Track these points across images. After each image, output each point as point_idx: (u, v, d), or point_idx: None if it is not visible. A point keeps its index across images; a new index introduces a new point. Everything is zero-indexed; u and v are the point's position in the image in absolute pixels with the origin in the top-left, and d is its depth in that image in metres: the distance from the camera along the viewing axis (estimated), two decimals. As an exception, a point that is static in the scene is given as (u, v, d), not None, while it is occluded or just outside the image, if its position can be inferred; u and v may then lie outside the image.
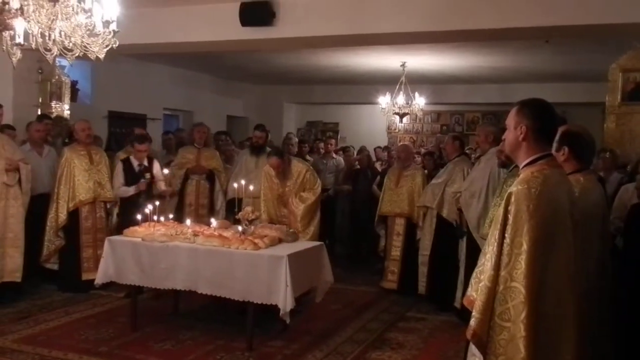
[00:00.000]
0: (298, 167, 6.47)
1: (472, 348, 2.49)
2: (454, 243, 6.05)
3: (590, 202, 3.13)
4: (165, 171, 6.84)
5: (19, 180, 6.12)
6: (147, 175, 6.56)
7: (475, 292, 2.49)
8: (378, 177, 8.51)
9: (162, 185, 6.81)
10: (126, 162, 6.74)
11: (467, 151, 7.12)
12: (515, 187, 2.44)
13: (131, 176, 6.64)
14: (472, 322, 2.42)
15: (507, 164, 5.29)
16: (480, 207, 5.59)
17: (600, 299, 3.12)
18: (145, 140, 6.82)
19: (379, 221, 7.41)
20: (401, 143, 9.35)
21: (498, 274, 2.38)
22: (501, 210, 2.43)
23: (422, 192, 6.80)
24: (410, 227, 7.03)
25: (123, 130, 9.58)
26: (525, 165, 2.54)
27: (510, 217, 2.39)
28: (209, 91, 12.55)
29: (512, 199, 2.41)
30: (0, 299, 5.97)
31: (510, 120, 2.58)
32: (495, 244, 2.41)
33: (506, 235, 2.39)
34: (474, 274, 2.57)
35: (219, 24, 6.20)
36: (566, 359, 2.40)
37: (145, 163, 6.69)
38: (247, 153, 7.65)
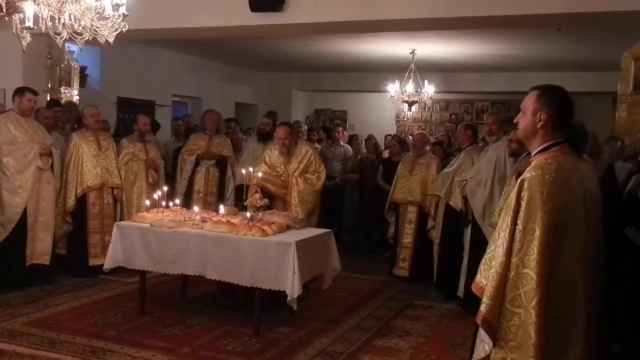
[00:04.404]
0: (304, 147, 6.50)
1: (481, 334, 2.48)
2: (462, 231, 6.04)
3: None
4: None
5: (51, 165, 6.22)
6: None
7: (485, 278, 2.47)
8: (381, 168, 8.46)
9: None
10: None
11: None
12: (528, 174, 2.41)
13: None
14: (483, 308, 2.41)
15: (518, 153, 5.26)
16: (486, 196, 5.58)
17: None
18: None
19: (390, 208, 7.40)
20: (418, 131, 9.29)
21: (509, 260, 2.36)
22: (513, 196, 2.41)
23: (434, 181, 6.79)
24: (422, 215, 7.04)
25: (132, 116, 9.58)
26: (538, 152, 2.51)
27: (523, 204, 2.36)
28: (218, 78, 12.52)
29: (525, 185, 2.38)
30: (28, 282, 6.09)
31: (529, 105, 2.53)
32: (507, 230, 2.39)
33: (518, 221, 2.36)
34: (483, 261, 2.55)
35: (228, 10, 6.17)
36: (576, 346, 2.39)
37: None
38: (255, 140, 7.64)
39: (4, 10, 3.38)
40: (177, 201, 6.05)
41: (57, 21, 3.52)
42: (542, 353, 2.30)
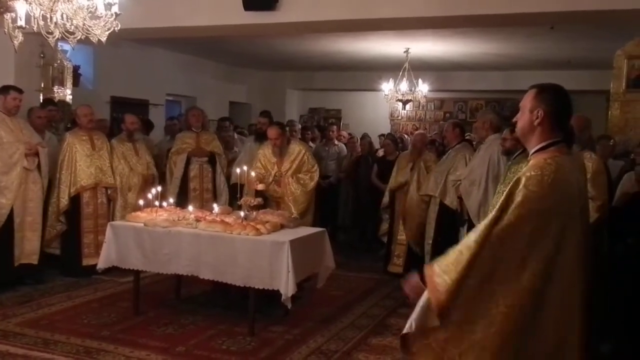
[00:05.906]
0: (297, 146, 6.49)
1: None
2: (456, 231, 6.04)
3: None
4: None
5: (38, 165, 6.19)
6: None
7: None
8: (375, 167, 8.46)
9: None
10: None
11: (467, 137, 7.09)
12: (528, 173, 2.37)
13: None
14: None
15: (511, 151, 5.26)
16: (481, 195, 5.60)
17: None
18: None
19: (387, 200, 7.35)
20: (418, 131, 9.27)
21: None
22: (506, 192, 2.40)
23: (425, 181, 6.78)
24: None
25: (125, 116, 9.55)
26: (536, 151, 2.51)
27: (517, 199, 2.35)
28: (212, 77, 12.50)
29: (522, 183, 2.36)
30: (19, 281, 6.09)
31: (527, 102, 2.53)
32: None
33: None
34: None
35: (222, 8, 6.15)
36: (571, 347, 2.40)
37: None
38: (252, 140, 7.63)
39: (-4, 9, 3.37)
40: (171, 200, 6.04)
41: (49, 20, 3.51)
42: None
